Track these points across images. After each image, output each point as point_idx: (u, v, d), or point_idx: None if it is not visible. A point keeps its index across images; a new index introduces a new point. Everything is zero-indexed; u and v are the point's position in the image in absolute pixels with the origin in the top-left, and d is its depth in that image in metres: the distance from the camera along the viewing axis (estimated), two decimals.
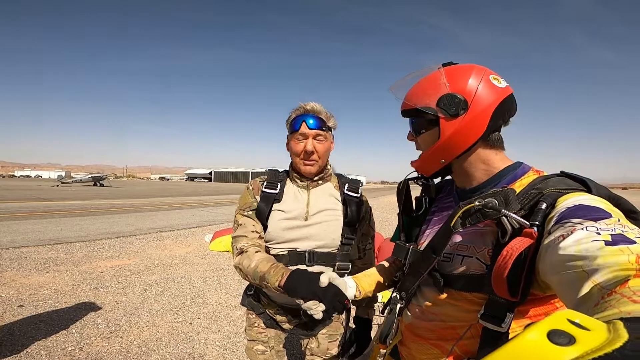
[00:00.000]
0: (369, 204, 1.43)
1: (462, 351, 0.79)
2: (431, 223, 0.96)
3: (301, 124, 1.24)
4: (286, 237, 1.27)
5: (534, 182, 0.74)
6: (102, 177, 40.49)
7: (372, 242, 1.48)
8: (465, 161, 0.84)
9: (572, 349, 0.24)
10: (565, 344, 0.24)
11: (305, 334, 1.34)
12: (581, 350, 0.23)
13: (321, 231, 1.27)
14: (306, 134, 1.24)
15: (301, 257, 1.25)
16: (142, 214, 11.64)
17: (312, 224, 1.28)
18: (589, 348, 0.23)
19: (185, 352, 2.65)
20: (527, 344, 0.25)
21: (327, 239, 1.28)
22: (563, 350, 0.24)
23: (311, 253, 1.25)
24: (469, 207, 0.72)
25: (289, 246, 1.27)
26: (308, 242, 1.27)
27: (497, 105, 0.78)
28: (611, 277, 0.42)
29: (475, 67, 0.82)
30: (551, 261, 0.56)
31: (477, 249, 0.76)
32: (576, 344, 0.24)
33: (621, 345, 0.23)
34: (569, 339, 0.24)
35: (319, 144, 1.26)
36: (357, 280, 1.06)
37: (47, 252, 5.58)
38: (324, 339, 1.35)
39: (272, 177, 1.35)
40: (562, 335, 0.25)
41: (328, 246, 1.28)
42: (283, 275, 1.07)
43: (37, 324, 2.97)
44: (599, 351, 0.23)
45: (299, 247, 1.26)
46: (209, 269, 5.06)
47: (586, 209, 0.58)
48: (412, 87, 0.88)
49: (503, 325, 0.67)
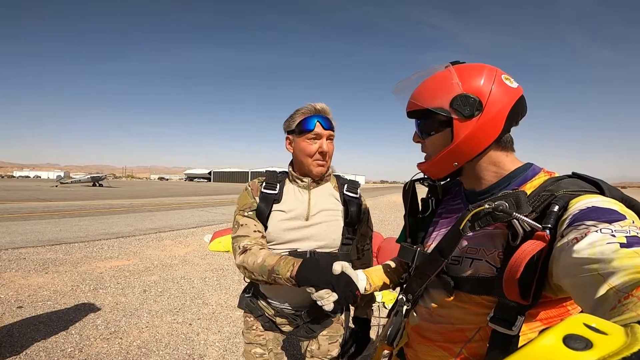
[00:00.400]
0: (366, 205, 1.43)
1: (470, 354, 0.78)
2: (438, 225, 0.94)
3: (315, 124, 1.23)
4: (287, 237, 1.27)
5: (545, 183, 0.73)
6: (101, 177, 40.43)
7: (370, 243, 1.48)
8: (477, 164, 0.82)
9: (589, 353, 0.23)
10: (582, 348, 0.24)
11: (306, 335, 1.33)
12: (598, 354, 0.23)
13: (322, 231, 1.27)
14: (321, 134, 1.24)
15: (302, 257, 1.23)
16: (141, 215, 11.62)
17: (313, 224, 1.27)
18: (607, 352, 0.23)
19: (185, 353, 2.64)
20: (542, 349, 0.24)
21: (328, 239, 1.27)
22: (580, 355, 0.23)
23: (312, 253, 1.25)
24: (479, 210, 0.70)
25: (290, 247, 1.26)
26: (309, 242, 1.26)
27: (511, 106, 0.76)
28: (627, 279, 0.42)
29: (486, 66, 0.79)
30: (565, 264, 0.55)
31: (487, 251, 0.75)
32: (593, 348, 0.23)
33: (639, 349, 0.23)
34: (585, 344, 0.24)
35: (330, 145, 1.27)
36: (367, 274, 1.05)
37: (46, 252, 5.56)
38: (324, 341, 1.33)
39: (271, 178, 1.34)
40: (579, 339, 0.24)
41: (329, 246, 1.28)
42: (294, 265, 1.06)
43: (37, 325, 2.96)
44: (616, 355, 0.22)
45: (300, 247, 1.26)
46: (209, 269, 5.05)
47: (600, 211, 0.57)
48: (419, 86, 0.84)
49: (514, 328, 0.66)
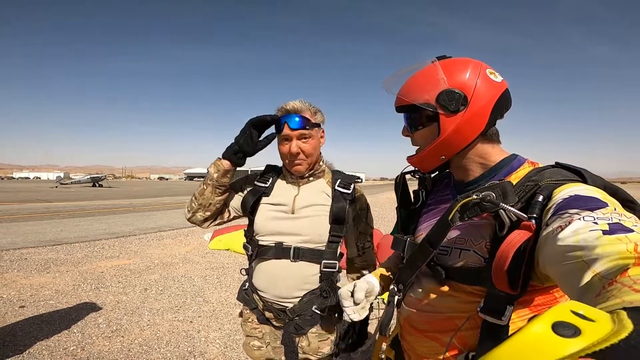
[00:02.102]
0: (366, 202, 1.41)
1: (460, 343, 0.78)
2: (428, 216, 0.96)
3: (283, 125, 1.22)
4: (272, 227, 1.28)
5: (529, 174, 0.74)
6: (101, 177, 40.43)
7: (370, 240, 1.46)
8: (464, 156, 0.84)
9: (577, 340, 0.23)
10: (571, 335, 0.24)
11: (295, 332, 1.32)
12: (587, 341, 0.23)
13: (306, 226, 1.27)
14: (289, 136, 1.23)
15: (286, 252, 1.26)
16: (142, 214, 11.65)
17: (298, 218, 1.28)
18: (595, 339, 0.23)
19: (186, 351, 2.67)
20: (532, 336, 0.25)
21: (313, 234, 1.27)
22: (569, 342, 0.23)
23: (296, 249, 1.26)
24: (467, 201, 0.72)
25: (275, 239, 1.28)
26: (294, 237, 1.27)
27: (496, 100, 0.78)
28: (611, 266, 0.43)
29: (471, 61, 0.81)
30: (550, 252, 0.56)
31: (475, 242, 0.76)
32: (581, 335, 0.24)
33: (627, 335, 0.23)
34: (574, 331, 0.24)
35: (304, 144, 1.24)
36: (376, 276, 1.05)
37: (47, 253, 5.59)
38: (314, 338, 1.32)
39: (267, 171, 1.39)
40: (567, 327, 0.25)
41: (314, 242, 1.27)
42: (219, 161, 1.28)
43: (39, 324, 2.98)
44: (604, 342, 0.23)
45: (285, 241, 1.27)
46: (209, 267, 5.08)
47: (582, 199, 0.58)
48: (406, 82, 0.86)
49: (503, 318, 0.68)
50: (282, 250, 1.27)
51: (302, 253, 1.26)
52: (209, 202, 1.30)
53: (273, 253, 1.28)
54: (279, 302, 1.31)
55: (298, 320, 1.30)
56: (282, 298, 1.30)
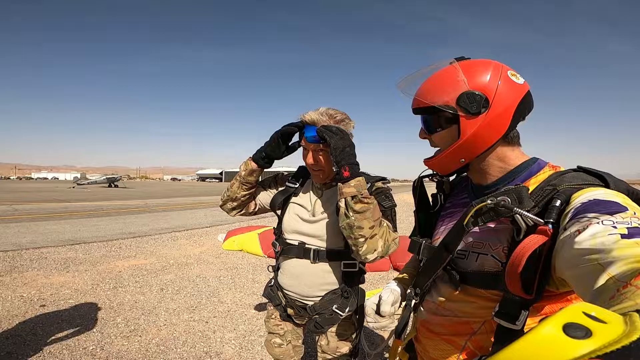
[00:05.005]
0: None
1: (475, 347, 0.79)
2: (446, 219, 0.96)
3: (302, 138, 1.27)
4: (295, 227, 1.35)
5: (549, 178, 0.73)
6: (117, 178, 41.36)
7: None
8: (483, 159, 0.83)
9: (588, 342, 0.23)
10: (582, 337, 0.24)
11: (314, 330, 1.37)
12: (598, 343, 0.23)
13: (325, 230, 1.31)
14: (307, 148, 1.27)
15: (307, 253, 1.32)
16: (157, 214, 11.84)
17: (317, 221, 1.32)
18: (606, 341, 0.23)
19: (202, 351, 2.68)
20: (542, 337, 0.24)
21: (332, 238, 1.30)
22: (580, 344, 0.23)
23: (316, 251, 1.30)
24: (482, 206, 0.72)
25: (298, 238, 1.35)
26: (315, 240, 1.32)
27: (518, 102, 0.76)
28: (627, 269, 0.42)
29: (492, 62, 0.79)
30: (567, 256, 0.55)
31: (493, 246, 0.76)
32: (593, 336, 0.23)
33: (638, 337, 0.23)
34: (585, 332, 0.24)
35: (320, 156, 1.26)
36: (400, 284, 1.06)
37: (66, 252, 5.71)
38: (332, 337, 1.36)
39: (298, 173, 1.45)
40: (578, 328, 0.24)
41: (334, 244, 1.31)
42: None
43: (59, 323, 3.04)
44: (616, 344, 0.22)
45: (306, 242, 1.33)
46: (223, 267, 5.11)
47: (602, 204, 0.58)
48: (424, 83, 0.84)
49: (517, 323, 0.67)
50: (304, 251, 1.33)
51: (321, 255, 1.31)
52: (235, 195, 1.41)
53: (296, 252, 1.34)
54: (300, 300, 1.36)
55: (318, 319, 1.33)
56: (303, 296, 1.35)
